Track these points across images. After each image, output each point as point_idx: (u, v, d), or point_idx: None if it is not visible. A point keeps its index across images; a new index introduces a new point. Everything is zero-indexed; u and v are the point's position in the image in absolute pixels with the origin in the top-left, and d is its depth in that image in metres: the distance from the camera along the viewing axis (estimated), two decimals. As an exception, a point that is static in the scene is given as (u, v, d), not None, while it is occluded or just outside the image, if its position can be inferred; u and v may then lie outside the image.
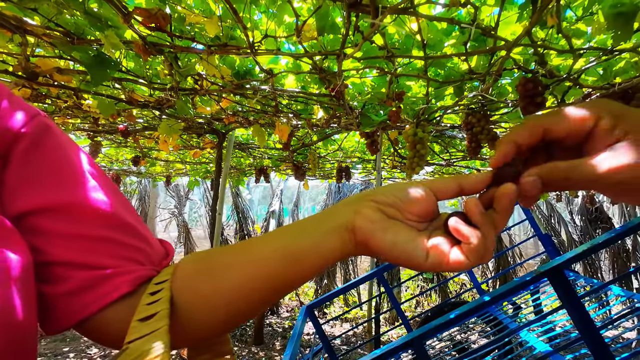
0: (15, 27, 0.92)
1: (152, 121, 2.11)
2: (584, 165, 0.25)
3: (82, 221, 0.30)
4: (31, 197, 0.29)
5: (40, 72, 1.22)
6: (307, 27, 0.89)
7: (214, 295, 0.31)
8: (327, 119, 1.62)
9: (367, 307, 3.38)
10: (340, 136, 2.76)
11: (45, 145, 0.31)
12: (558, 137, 0.27)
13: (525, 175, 0.27)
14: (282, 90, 1.28)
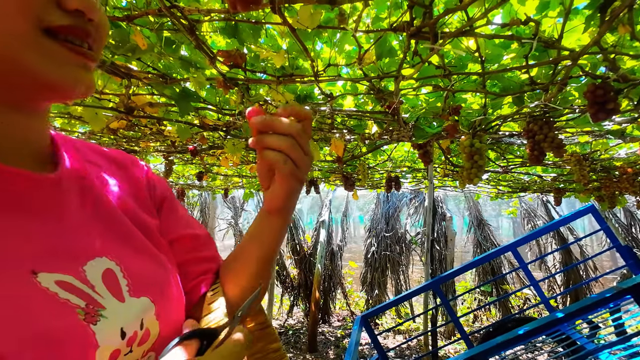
0: (124, 73, 1.13)
1: (217, 141, 2.33)
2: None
3: (200, 243, 0.52)
4: (176, 231, 0.49)
5: (135, 106, 1.45)
6: (367, 54, 0.97)
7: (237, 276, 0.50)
8: (381, 132, 1.67)
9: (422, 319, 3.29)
10: (390, 146, 2.79)
11: (176, 202, 0.53)
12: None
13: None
14: (340, 110, 1.37)
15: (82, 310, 0.30)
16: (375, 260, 4.58)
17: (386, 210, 4.77)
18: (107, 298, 0.32)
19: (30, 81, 0.28)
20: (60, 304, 0.29)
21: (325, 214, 4.45)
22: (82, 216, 0.35)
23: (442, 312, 3.92)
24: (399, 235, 4.70)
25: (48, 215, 0.32)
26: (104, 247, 0.35)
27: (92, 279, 0.32)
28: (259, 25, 0.92)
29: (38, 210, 0.32)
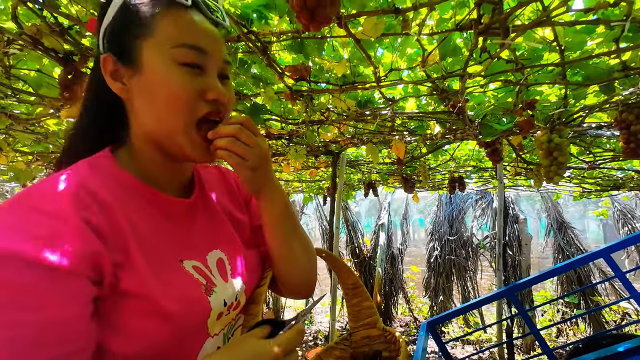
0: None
1: (280, 148, 2.47)
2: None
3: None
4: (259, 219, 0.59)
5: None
6: (430, 56, 0.96)
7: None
8: (444, 132, 1.62)
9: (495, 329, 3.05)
10: (452, 146, 2.66)
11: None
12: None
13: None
14: (402, 112, 1.37)
15: (204, 287, 0.45)
16: (439, 265, 4.36)
17: (449, 213, 4.53)
18: (217, 278, 0.48)
19: (179, 151, 0.45)
20: (193, 281, 0.44)
21: (384, 217, 4.38)
22: (205, 223, 0.52)
23: (519, 323, 3.57)
24: (464, 239, 4.41)
25: (186, 224, 0.49)
26: (217, 243, 0.52)
27: (210, 265, 0.48)
28: (323, 39, 0.97)
29: (181, 221, 0.49)
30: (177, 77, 0.42)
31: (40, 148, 2.16)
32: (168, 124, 0.43)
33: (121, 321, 0.38)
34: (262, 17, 0.94)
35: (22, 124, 1.59)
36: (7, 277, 0.31)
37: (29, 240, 0.32)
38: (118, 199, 0.41)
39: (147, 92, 0.43)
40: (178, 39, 0.42)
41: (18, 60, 1.14)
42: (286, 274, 0.58)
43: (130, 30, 0.43)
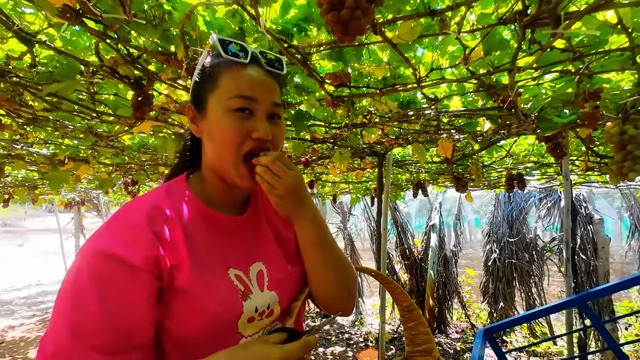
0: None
1: (325, 152, 2.52)
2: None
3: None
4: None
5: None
6: (474, 52, 0.93)
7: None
8: (495, 129, 1.52)
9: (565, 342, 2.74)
10: (508, 141, 2.48)
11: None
12: None
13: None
14: (446, 111, 1.32)
15: (241, 292, 0.54)
16: (498, 268, 4.05)
17: (509, 213, 4.18)
18: (255, 287, 0.56)
19: (230, 179, 0.57)
20: (233, 286, 0.54)
21: (435, 218, 4.21)
22: (251, 238, 0.61)
23: (597, 336, 3.17)
24: (527, 240, 4.04)
25: (235, 238, 0.59)
26: (260, 257, 0.60)
27: (251, 275, 0.57)
28: (360, 46, 0.99)
29: (230, 235, 0.59)
30: (228, 121, 0.53)
31: (118, 160, 2.47)
32: (222, 158, 0.55)
33: (174, 310, 0.49)
34: (301, 30, 0.99)
35: (104, 140, 1.84)
36: (107, 267, 0.46)
37: (120, 246, 0.47)
38: (180, 217, 0.53)
39: (209, 133, 0.56)
40: (233, 91, 0.54)
41: (100, 87, 1.33)
42: (320, 296, 0.63)
43: (203, 85, 0.56)
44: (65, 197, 5.18)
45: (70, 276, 0.46)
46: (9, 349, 4.00)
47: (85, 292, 0.44)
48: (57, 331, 0.44)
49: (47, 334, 0.45)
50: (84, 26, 0.87)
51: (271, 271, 0.59)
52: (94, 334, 0.43)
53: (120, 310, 0.45)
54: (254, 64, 0.56)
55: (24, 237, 12.72)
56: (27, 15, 1.01)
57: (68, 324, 0.43)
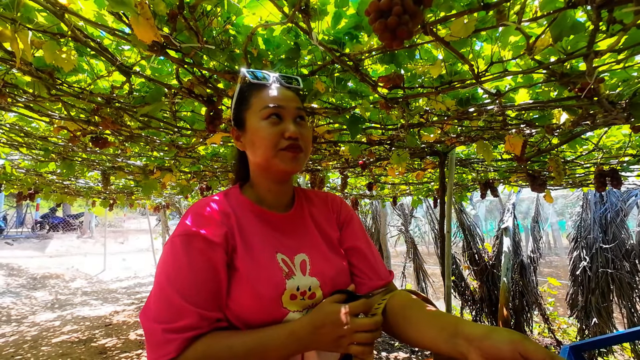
0: (309, 112, 1.44)
1: (383, 153, 2.50)
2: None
3: (369, 254, 0.75)
4: (351, 242, 0.76)
5: (317, 135, 1.79)
6: (540, 40, 0.86)
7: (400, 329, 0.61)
8: (575, 120, 1.36)
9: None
10: (596, 132, 2.16)
11: (354, 223, 0.80)
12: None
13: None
14: (512, 106, 1.23)
15: (285, 272, 0.63)
16: (589, 279, 3.51)
17: (601, 214, 3.59)
18: (297, 271, 0.65)
19: (276, 168, 0.67)
20: (279, 267, 0.63)
21: (508, 220, 3.83)
22: (299, 231, 0.72)
23: None
24: (626, 247, 3.42)
25: (282, 230, 0.70)
26: (304, 248, 0.69)
27: (296, 262, 0.66)
28: (412, 48, 0.98)
29: (278, 228, 0.70)
30: (264, 127, 0.66)
31: (195, 168, 2.79)
32: (265, 156, 0.66)
33: (233, 288, 0.60)
34: (353, 37, 1.02)
35: (184, 151, 2.10)
36: (192, 241, 0.59)
37: (198, 227, 0.60)
38: (235, 212, 0.66)
39: (251, 141, 0.68)
40: (263, 104, 0.67)
41: (180, 106, 1.54)
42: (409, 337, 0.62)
43: (240, 107, 0.71)
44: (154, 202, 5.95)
45: (166, 251, 0.60)
46: (115, 330, 4.74)
47: (179, 258, 0.58)
48: (159, 282, 0.57)
49: (153, 286, 0.59)
50: (167, 56, 1.02)
51: (313, 261, 0.68)
52: (185, 287, 0.56)
53: (205, 272, 0.57)
54: (275, 84, 0.70)
55: (125, 236, 14.92)
56: (126, 52, 1.22)
57: (165, 276, 0.57)
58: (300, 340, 0.56)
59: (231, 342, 0.56)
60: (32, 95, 1.43)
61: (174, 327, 0.53)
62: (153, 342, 0.54)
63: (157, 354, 0.53)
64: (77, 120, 1.66)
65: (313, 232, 0.73)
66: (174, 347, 0.52)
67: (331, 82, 1.21)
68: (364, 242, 0.77)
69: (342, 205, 0.81)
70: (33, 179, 3.74)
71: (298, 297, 0.62)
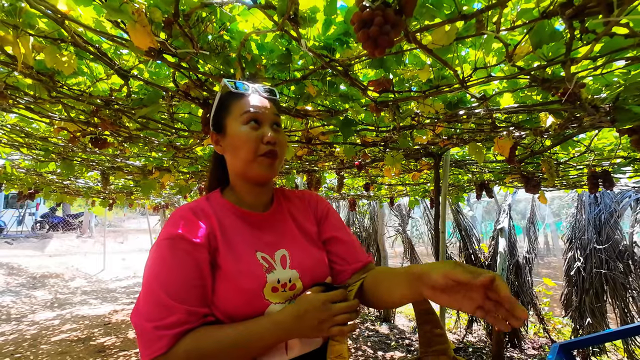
0: (303, 115, 1.47)
1: (378, 154, 2.54)
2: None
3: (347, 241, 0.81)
4: (329, 233, 0.80)
5: (312, 137, 1.83)
6: (520, 48, 0.89)
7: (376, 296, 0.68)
8: (561, 123, 1.40)
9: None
10: (588, 134, 2.20)
11: (330, 216, 0.84)
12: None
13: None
14: (498, 109, 1.27)
15: (265, 268, 0.67)
16: (583, 279, 3.54)
17: (595, 216, 3.63)
18: (278, 266, 0.69)
19: (254, 173, 0.72)
20: (259, 263, 0.67)
21: (504, 221, 3.87)
22: (278, 229, 0.76)
23: None
24: (620, 248, 3.46)
25: (262, 229, 0.74)
26: (284, 244, 0.73)
27: (276, 258, 0.70)
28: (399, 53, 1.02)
29: (258, 227, 0.74)
30: (244, 131, 0.70)
31: (193, 169, 2.82)
32: (245, 159, 0.70)
33: (217, 286, 0.64)
34: (343, 43, 1.06)
35: (182, 152, 2.14)
36: (177, 243, 0.62)
37: (184, 230, 0.64)
38: (216, 214, 0.70)
39: (231, 145, 0.72)
40: (242, 110, 0.71)
41: (177, 108, 1.57)
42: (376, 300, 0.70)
43: (220, 114, 0.75)
44: (154, 202, 5.98)
45: (153, 254, 0.64)
46: (114, 329, 4.77)
47: (165, 259, 0.61)
48: (148, 283, 0.61)
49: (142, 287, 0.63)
50: (164, 60, 1.06)
51: (293, 255, 0.72)
52: (173, 286, 0.59)
53: (191, 271, 0.61)
54: (254, 93, 0.75)
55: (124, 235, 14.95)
56: (124, 55, 1.25)
57: (153, 277, 0.60)
58: (284, 328, 0.60)
59: (218, 335, 0.59)
60: (32, 97, 1.47)
61: (164, 324, 0.56)
62: (145, 340, 0.57)
63: (149, 350, 0.56)
64: (76, 121, 1.70)
65: (292, 228, 0.77)
66: (164, 342, 0.56)
67: (323, 85, 1.25)
68: (342, 231, 0.82)
69: (318, 201, 0.86)
70: (33, 179, 3.78)
71: (279, 289, 0.67)
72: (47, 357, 3.77)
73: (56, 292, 7.41)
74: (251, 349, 0.60)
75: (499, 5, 0.69)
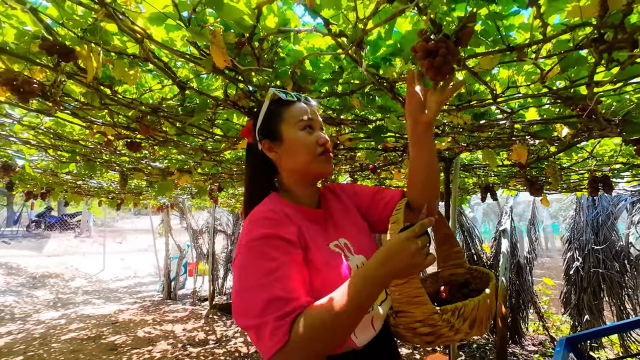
0: (337, 123, 1.59)
1: (393, 158, 2.66)
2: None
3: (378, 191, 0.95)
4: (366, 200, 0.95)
5: (338, 142, 1.94)
6: (551, 72, 1.02)
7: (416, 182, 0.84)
8: (574, 134, 1.54)
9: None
10: (590, 142, 2.35)
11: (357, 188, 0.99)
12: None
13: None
14: (522, 121, 1.40)
15: (343, 256, 0.76)
16: (582, 278, 3.72)
17: (593, 218, 3.81)
18: (348, 253, 0.78)
19: (315, 172, 0.81)
20: (337, 253, 0.76)
21: (506, 222, 4.03)
22: (332, 221, 0.85)
23: None
24: (616, 248, 3.65)
25: (324, 224, 0.83)
26: (343, 233, 0.82)
27: (340, 245, 0.79)
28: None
29: (320, 222, 0.82)
30: (303, 136, 0.79)
31: (214, 171, 2.92)
32: (306, 161, 0.79)
33: (311, 276, 0.69)
34: (386, 61, 1.18)
35: (210, 155, 2.23)
36: (276, 242, 0.66)
37: (275, 229, 0.68)
38: (287, 214, 0.74)
39: (290, 150, 0.79)
40: (297, 118, 0.79)
41: (218, 115, 1.68)
42: (415, 182, 0.83)
43: (273, 121, 0.81)
44: (159, 202, 6.02)
45: (247, 254, 0.65)
46: (123, 328, 4.82)
47: (267, 254, 0.64)
48: (251, 284, 0.62)
49: (239, 290, 0.63)
50: (223, 74, 1.17)
51: (352, 242, 0.81)
52: (279, 279, 0.61)
53: (290, 265, 0.64)
54: (301, 101, 0.83)
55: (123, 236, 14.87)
56: (179, 68, 1.36)
57: (255, 276, 0.62)
58: (380, 275, 0.60)
59: (326, 304, 0.59)
60: (82, 103, 1.56)
61: (280, 314, 0.58)
62: (265, 335, 0.57)
63: (272, 342, 0.56)
64: (117, 126, 1.79)
65: (341, 218, 0.86)
66: (284, 331, 0.57)
67: (362, 98, 1.37)
68: (370, 190, 0.94)
69: (342, 188, 0.97)
70: (47, 179, 3.82)
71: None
72: (60, 355, 3.81)
73: (57, 292, 7.40)
74: (357, 305, 0.59)
75: (543, 42, 0.82)
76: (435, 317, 0.68)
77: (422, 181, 0.82)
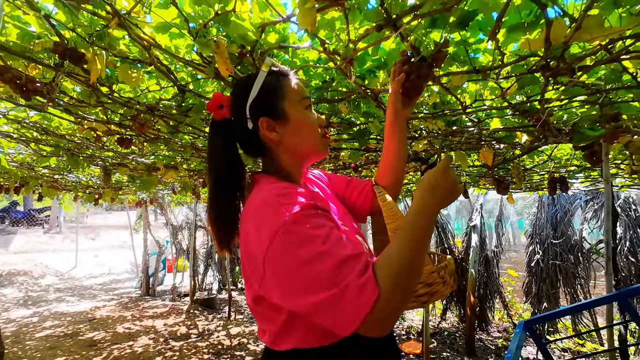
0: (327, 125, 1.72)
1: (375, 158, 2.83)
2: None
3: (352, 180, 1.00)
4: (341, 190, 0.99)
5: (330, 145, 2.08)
6: (510, 89, 1.20)
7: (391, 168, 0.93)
8: (532, 140, 1.75)
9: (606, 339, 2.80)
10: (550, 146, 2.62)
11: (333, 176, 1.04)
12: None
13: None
14: (487, 129, 1.59)
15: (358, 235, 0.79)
16: (542, 270, 4.08)
17: (553, 214, 4.19)
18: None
19: (317, 152, 0.78)
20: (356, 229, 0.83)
21: (476, 219, 4.33)
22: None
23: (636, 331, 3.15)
24: (571, 242, 4.03)
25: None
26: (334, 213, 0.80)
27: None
28: (419, 86, 1.30)
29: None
30: (309, 115, 0.74)
31: (202, 167, 2.97)
32: (311, 141, 0.74)
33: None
34: (371, 72, 1.32)
35: (199, 152, 2.30)
36: (315, 211, 0.60)
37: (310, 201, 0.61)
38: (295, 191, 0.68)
39: (295, 129, 0.72)
40: (300, 94, 0.74)
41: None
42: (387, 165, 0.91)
43: (274, 97, 0.70)
44: (138, 197, 5.93)
45: (291, 235, 0.55)
46: (101, 324, 4.76)
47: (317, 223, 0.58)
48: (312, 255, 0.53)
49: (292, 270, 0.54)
50: (222, 80, 1.27)
51: (344, 222, 0.78)
52: (338, 240, 0.56)
53: (339, 229, 0.60)
54: (295, 77, 0.76)
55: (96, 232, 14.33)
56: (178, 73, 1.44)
57: (313, 247, 0.54)
58: (434, 203, 0.61)
59: (393, 250, 0.57)
60: (76, 100, 1.60)
61: (358, 271, 0.53)
62: (347, 299, 0.51)
63: (361, 300, 0.50)
64: (110, 123, 1.84)
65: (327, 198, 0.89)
66: (372, 284, 0.52)
67: (349, 104, 1.51)
68: (343, 179, 0.98)
69: (319, 174, 0.99)
70: (23, 172, 3.71)
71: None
72: (36, 352, 3.74)
73: (27, 290, 7.12)
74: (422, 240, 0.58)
75: (502, 66, 0.98)
76: (434, 275, 0.70)
77: (394, 165, 0.91)
